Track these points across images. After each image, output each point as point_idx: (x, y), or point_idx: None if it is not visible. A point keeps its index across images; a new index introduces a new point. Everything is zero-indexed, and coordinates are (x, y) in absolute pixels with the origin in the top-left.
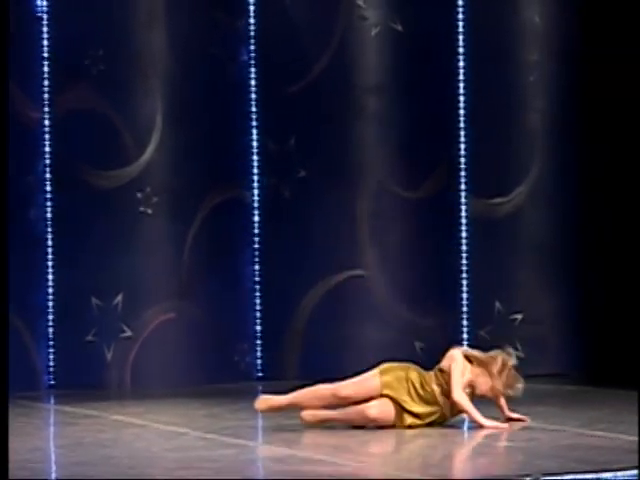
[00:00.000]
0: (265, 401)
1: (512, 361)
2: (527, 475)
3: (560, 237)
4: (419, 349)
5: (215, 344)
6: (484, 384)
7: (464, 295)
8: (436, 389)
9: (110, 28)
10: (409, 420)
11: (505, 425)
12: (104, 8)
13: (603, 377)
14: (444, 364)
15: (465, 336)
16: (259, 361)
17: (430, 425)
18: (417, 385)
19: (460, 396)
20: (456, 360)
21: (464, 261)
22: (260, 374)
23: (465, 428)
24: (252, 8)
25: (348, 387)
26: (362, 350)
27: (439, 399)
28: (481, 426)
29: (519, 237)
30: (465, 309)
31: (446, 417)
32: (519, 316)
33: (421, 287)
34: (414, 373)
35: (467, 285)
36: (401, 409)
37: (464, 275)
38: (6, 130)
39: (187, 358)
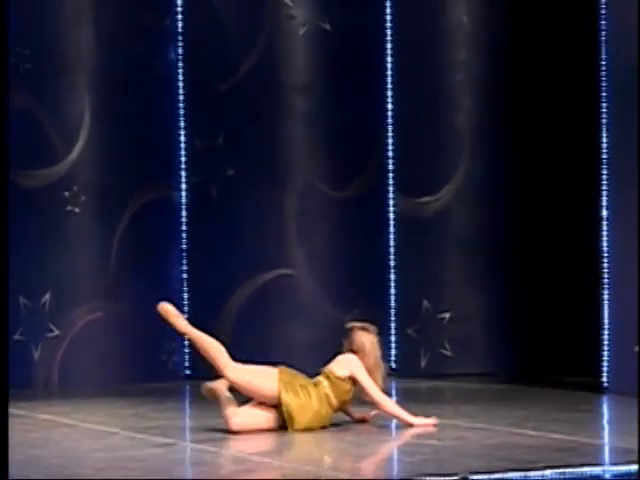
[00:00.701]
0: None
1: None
2: (454, 474)
3: (487, 236)
4: None
5: (142, 343)
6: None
7: (392, 293)
8: (330, 392)
9: (36, 26)
10: (303, 420)
11: (433, 420)
12: (30, 6)
13: (531, 376)
14: (335, 368)
15: (393, 334)
16: (187, 360)
17: (336, 425)
18: (310, 387)
19: (383, 398)
20: (354, 364)
21: (392, 260)
22: (188, 373)
23: (393, 426)
24: (179, 7)
25: (239, 373)
26: (290, 349)
27: (333, 401)
28: (410, 425)
29: (447, 236)
30: (393, 307)
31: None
32: (447, 315)
33: (349, 286)
34: (306, 380)
35: (395, 283)
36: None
37: (392, 273)
38: (6, 128)
39: (114, 357)
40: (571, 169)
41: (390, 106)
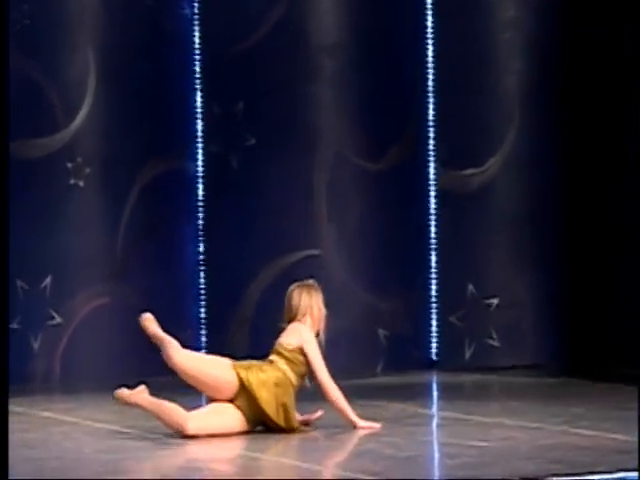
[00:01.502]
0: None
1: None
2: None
3: (536, 211)
4: (383, 337)
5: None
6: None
7: (432, 276)
8: (286, 367)
9: None
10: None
11: (378, 425)
12: None
13: (585, 368)
14: (285, 340)
15: (433, 322)
16: (203, 350)
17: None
18: (265, 366)
19: (331, 384)
20: (306, 336)
21: (432, 239)
22: None
23: (434, 425)
24: None
25: (190, 359)
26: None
27: (290, 376)
28: (354, 426)
29: (493, 212)
30: (434, 292)
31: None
32: (494, 300)
33: (384, 268)
34: (260, 363)
35: (436, 265)
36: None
37: (433, 254)
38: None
39: (122, 348)
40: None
41: (430, 67)
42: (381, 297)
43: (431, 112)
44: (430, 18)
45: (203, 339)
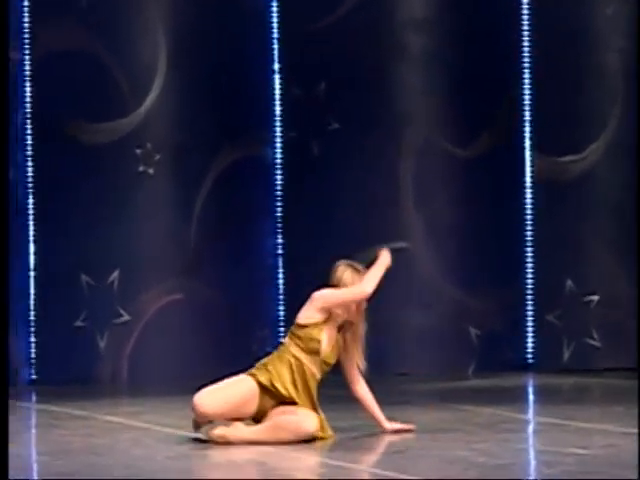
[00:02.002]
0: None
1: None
2: None
3: None
4: (475, 336)
5: (229, 331)
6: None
7: (528, 271)
8: (296, 351)
9: None
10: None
11: (411, 426)
12: None
13: None
14: (298, 318)
15: (530, 321)
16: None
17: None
18: (273, 360)
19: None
20: (320, 293)
21: (528, 231)
22: None
23: (529, 431)
24: None
25: (214, 399)
26: (404, 338)
27: (302, 358)
28: (382, 427)
29: (594, 202)
30: (530, 289)
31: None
32: (594, 297)
33: (476, 262)
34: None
35: (532, 259)
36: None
37: (528, 247)
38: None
39: (195, 347)
40: None
41: (526, 47)
42: (472, 293)
43: (527, 94)
44: None
45: (281, 339)
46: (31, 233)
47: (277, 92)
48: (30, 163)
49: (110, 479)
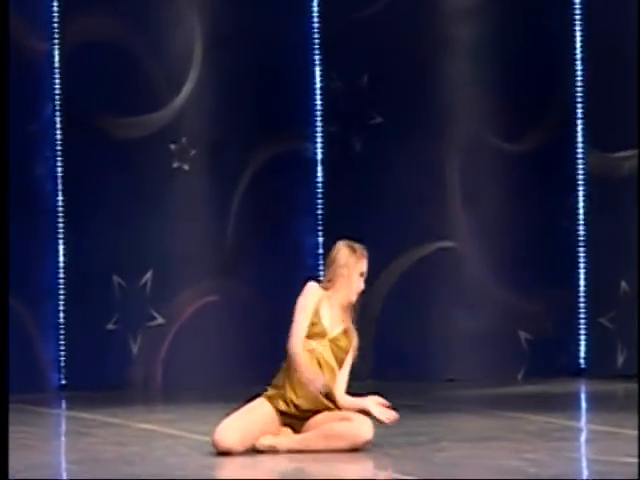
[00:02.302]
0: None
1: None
2: None
3: None
4: (525, 341)
5: (267, 333)
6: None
7: (581, 273)
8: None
9: None
10: None
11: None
12: None
13: None
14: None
15: (582, 324)
16: None
17: None
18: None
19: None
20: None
21: (581, 229)
22: None
23: (582, 441)
24: None
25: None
26: (451, 342)
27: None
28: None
29: None
30: (582, 290)
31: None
32: None
33: (526, 263)
34: None
35: (585, 260)
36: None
37: (581, 248)
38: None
39: (232, 351)
40: None
41: (578, 38)
42: (523, 296)
43: (579, 86)
44: None
45: None
46: (60, 232)
47: (317, 85)
48: (59, 158)
49: None
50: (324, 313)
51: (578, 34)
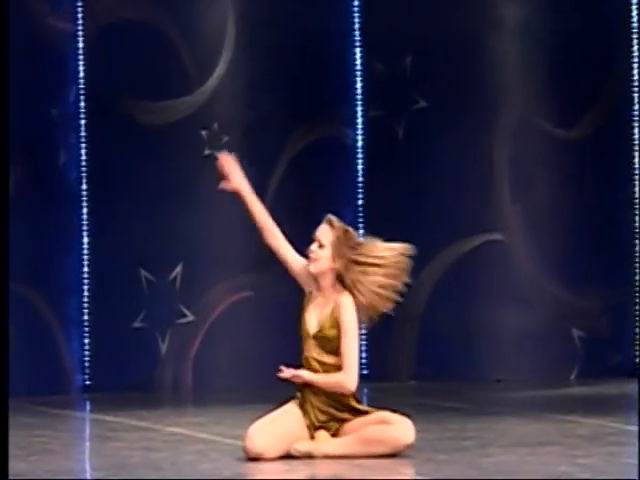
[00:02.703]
0: None
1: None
2: None
3: None
4: (577, 339)
5: None
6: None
7: (638, 267)
8: None
9: None
10: None
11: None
12: None
13: None
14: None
15: (638, 324)
16: (362, 354)
17: None
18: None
19: None
20: None
21: (638, 221)
22: (364, 372)
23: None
24: None
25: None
26: (499, 340)
27: None
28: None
29: None
30: (639, 287)
31: None
32: None
33: (580, 257)
34: None
35: None
36: None
37: (638, 241)
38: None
39: (266, 351)
40: None
41: (635, 17)
42: (576, 292)
43: (635, 69)
44: None
45: (365, 342)
46: (84, 223)
47: (358, 67)
48: (83, 145)
49: None
50: (308, 315)
51: (635, 13)
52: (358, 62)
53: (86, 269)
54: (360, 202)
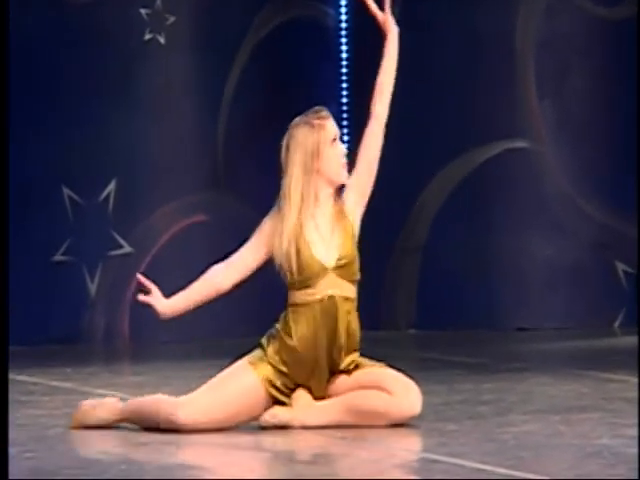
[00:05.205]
0: None
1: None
2: None
3: None
4: (623, 275)
5: (270, 267)
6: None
7: None
8: None
9: None
10: None
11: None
12: None
13: None
14: None
15: None
16: None
17: None
18: None
19: None
20: None
21: None
22: None
23: None
24: None
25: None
26: (526, 279)
27: None
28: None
29: None
30: None
31: None
32: None
33: (625, 168)
34: None
35: None
36: None
37: None
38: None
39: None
40: None
41: None
42: (621, 215)
43: None
44: None
45: None
46: None
47: None
48: None
49: (112, 479)
50: (313, 238)
51: None
52: None
53: None
54: (345, 99)
